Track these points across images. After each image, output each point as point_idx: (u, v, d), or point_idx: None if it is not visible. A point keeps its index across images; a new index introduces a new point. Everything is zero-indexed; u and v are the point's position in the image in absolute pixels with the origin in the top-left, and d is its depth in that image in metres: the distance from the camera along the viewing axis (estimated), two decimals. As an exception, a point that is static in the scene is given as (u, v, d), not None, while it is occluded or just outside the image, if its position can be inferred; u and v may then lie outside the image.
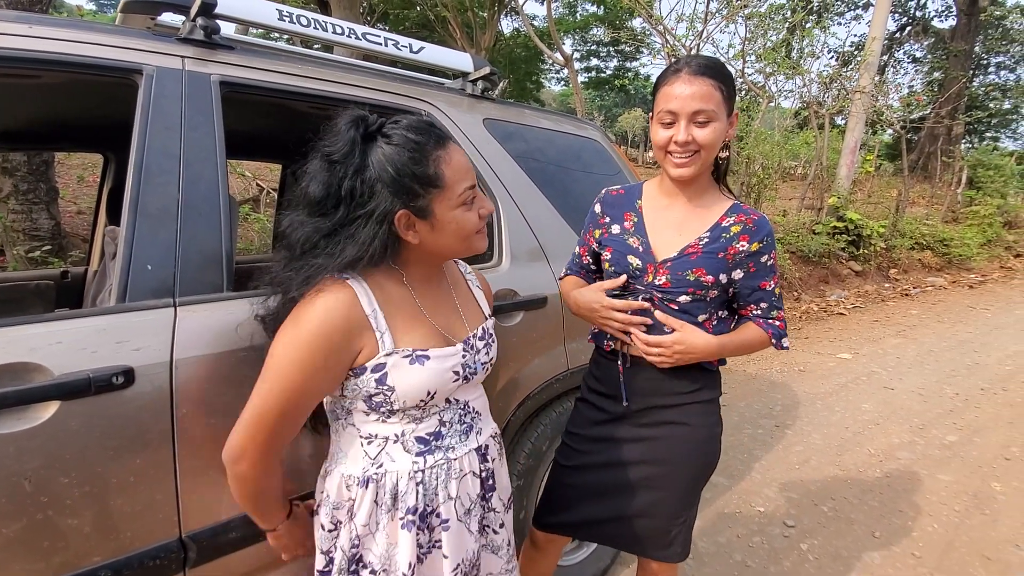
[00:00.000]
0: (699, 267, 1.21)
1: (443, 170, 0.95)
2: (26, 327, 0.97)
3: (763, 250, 1.24)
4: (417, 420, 1.00)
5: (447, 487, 1.01)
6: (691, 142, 1.16)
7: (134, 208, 1.10)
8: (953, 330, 5.98)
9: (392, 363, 0.94)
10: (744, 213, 1.25)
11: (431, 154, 0.94)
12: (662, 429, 1.32)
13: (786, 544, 2.36)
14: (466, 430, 1.06)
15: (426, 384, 0.96)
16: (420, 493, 0.98)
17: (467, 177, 0.98)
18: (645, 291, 1.27)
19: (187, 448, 1.07)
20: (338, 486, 1.00)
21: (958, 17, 16.97)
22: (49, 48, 1.10)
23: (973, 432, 3.48)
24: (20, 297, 2.23)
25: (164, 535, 1.07)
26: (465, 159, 0.99)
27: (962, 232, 10.59)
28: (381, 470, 0.97)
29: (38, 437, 0.93)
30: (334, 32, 1.61)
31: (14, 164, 3.89)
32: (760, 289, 1.27)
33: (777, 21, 8.08)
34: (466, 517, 1.03)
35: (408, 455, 0.99)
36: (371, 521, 0.97)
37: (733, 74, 1.20)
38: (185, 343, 1.08)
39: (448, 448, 1.02)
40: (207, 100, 1.25)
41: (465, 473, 1.03)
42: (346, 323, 0.92)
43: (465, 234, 0.99)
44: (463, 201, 0.97)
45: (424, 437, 1.00)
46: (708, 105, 1.14)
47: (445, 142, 0.97)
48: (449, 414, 1.03)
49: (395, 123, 0.96)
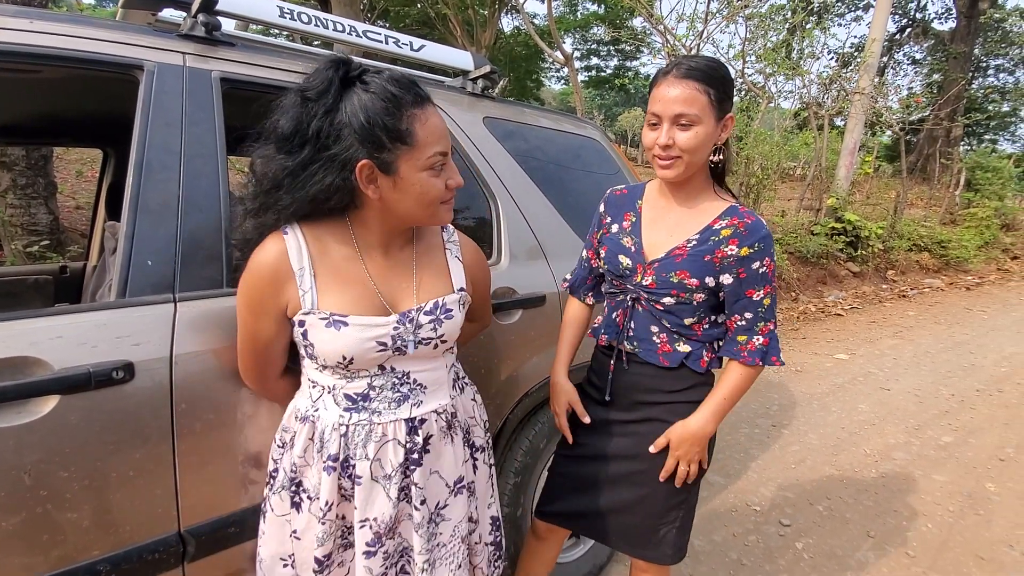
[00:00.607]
0: (683, 269, 1.21)
1: (415, 127, 0.93)
2: (26, 321, 0.97)
3: (755, 256, 1.19)
4: (347, 379, 1.03)
5: (366, 447, 1.02)
6: (671, 146, 1.15)
7: (135, 204, 1.10)
8: (950, 331, 6.00)
9: (310, 322, 0.98)
10: (738, 216, 1.22)
11: (406, 110, 0.93)
12: (650, 426, 1.32)
13: (781, 543, 2.37)
14: (399, 399, 1.05)
15: (341, 349, 0.97)
16: (342, 444, 1.02)
17: (439, 142, 0.96)
18: (634, 291, 1.28)
19: (186, 443, 1.07)
20: (290, 413, 1.09)
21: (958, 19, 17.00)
22: (50, 43, 1.10)
23: (968, 433, 3.50)
24: (19, 292, 2.23)
25: (163, 529, 1.07)
26: (442, 123, 0.98)
27: (960, 234, 10.61)
28: (316, 414, 1.04)
29: (38, 431, 0.94)
30: (335, 29, 1.61)
31: (12, 158, 3.88)
32: (746, 297, 1.22)
33: (777, 22, 8.08)
34: (385, 481, 1.04)
35: (337, 408, 1.03)
36: (306, 455, 1.05)
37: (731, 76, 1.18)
38: (185, 338, 1.08)
39: (374, 411, 1.03)
40: (208, 96, 1.25)
41: (388, 439, 1.04)
42: (272, 274, 0.98)
43: (428, 200, 0.98)
44: (431, 165, 0.96)
45: (351, 395, 1.03)
46: (690, 109, 1.12)
47: (424, 102, 0.95)
48: (380, 380, 1.03)
49: (377, 73, 0.95)
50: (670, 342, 1.27)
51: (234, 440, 1.16)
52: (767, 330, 1.24)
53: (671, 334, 1.27)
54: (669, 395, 1.29)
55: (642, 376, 1.31)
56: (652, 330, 1.28)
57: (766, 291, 1.22)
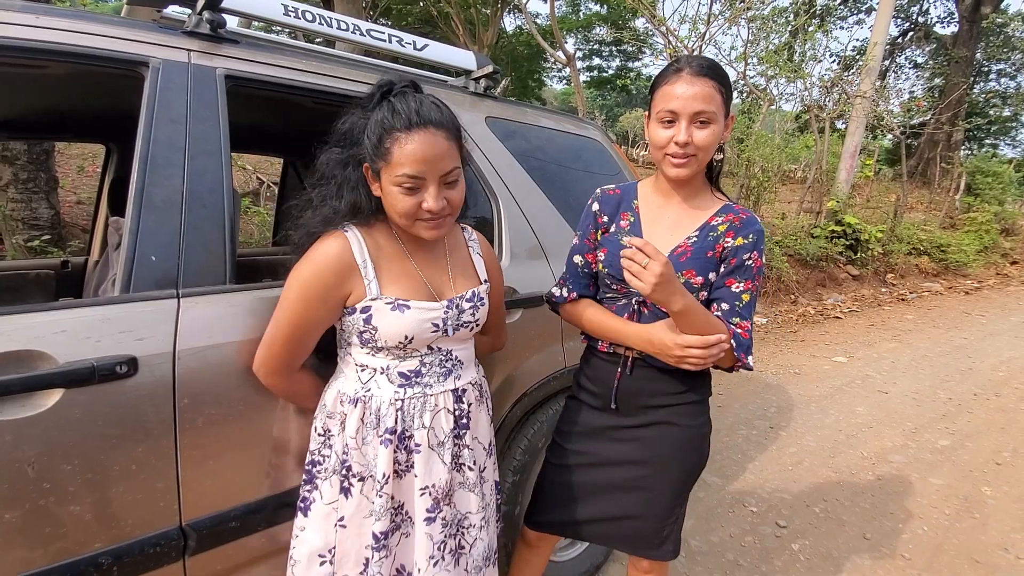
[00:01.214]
0: (689, 269, 1.21)
1: (392, 148, 1.03)
2: (31, 315, 0.98)
3: (747, 247, 1.20)
4: (400, 358, 1.13)
5: (422, 417, 1.13)
6: (690, 143, 1.15)
7: (139, 200, 1.11)
8: (948, 335, 6.01)
9: (376, 307, 1.08)
10: (733, 212, 1.24)
11: (392, 131, 1.03)
12: (653, 430, 1.32)
13: (778, 544, 2.38)
14: (445, 373, 1.17)
15: (404, 329, 1.08)
16: (399, 417, 1.11)
17: (412, 165, 1.02)
18: (638, 292, 1.27)
19: (188, 438, 1.08)
20: (334, 399, 1.14)
21: (960, 23, 16.98)
22: (56, 39, 1.11)
23: (965, 437, 3.51)
24: (20, 286, 2.24)
25: (164, 523, 1.08)
26: (422, 150, 1.02)
27: (959, 238, 10.63)
28: (369, 394, 1.12)
29: (42, 424, 0.95)
30: (339, 28, 1.62)
31: (14, 153, 3.88)
32: (725, 286, 1.20)
33: (779, 24, 8.09)
34: (439, 448, 1.15)
35: (392, 385, 1.12)
36: (358, 435, 1.11)
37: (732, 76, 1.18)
38: (188, 334, 1.09)
39: (426, 385, 1.15)
40: (212, 93, 1.26)
41: (439, 408, 1.16)
42: (338, 266, 1.07)
43: (397, 212, 1.07)
44: (398, 183, 1.04)
45: (405, 373, 1.13)
46: (710, 106, 1.14)
47: (414, 128, 1.03)
48: (430, 358, 1.15)
49: (403, 93, 1.08)
50: None
51: (236, 435, 1.16)
52: (745, 326, 1.19)
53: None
54: (674, 396, 1.29)
55: (649, 380, 1.30)
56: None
57: (747, 286, 1.20)
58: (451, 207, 1.09)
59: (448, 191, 1.08)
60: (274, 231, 3.14)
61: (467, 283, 1.22)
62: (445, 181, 1.07)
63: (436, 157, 1.04)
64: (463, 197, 1.13)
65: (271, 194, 6.12)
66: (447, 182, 1.07)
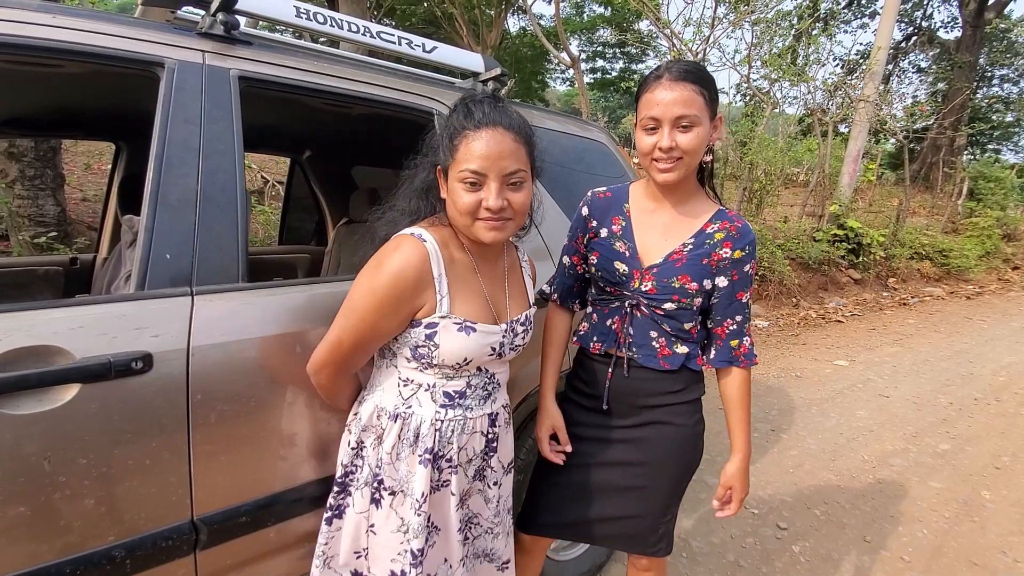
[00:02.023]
0: (684, 274, 1.22)
1: (460, 145, 1.06)
2: (49, 311, 1.00)
3: (746, 258, 1.25)
4: (449, 377, 1.13)
5: (459, 439, 1.14)
6: (675, 148, 1.16)
7: (154, 198, 1.13)
8: (949, 340, 6.02)
9: (443, 325, 1.07)
10: (728, 220, 1.26)
11: (461, 128, 1.06)
12: (647, 430, 1.33)
13: (778, 546, 2.39)
14: (485, 396, 1.18)
15: (465, 351, 1.09)
16: (436, 439, 1.12)
17: (475, 161, 1.03)
18: (631, 297, 1.28)
19: (201, 433, 1.10)
20: (371, 413, 1.15)
21: (964, 29, 16.98)
22: (73, 39, 1.12)
23: (965, 441, 3.52)
24: (28, 282, 2.26)
25: (176, 517, 1.10)
26: (489, 148, 1.04)
27: (961, 243, 10.64)
28: (410, 411, 1.12)
29: (58, 418, 0.96)
30: (350, 30, 1.64)
31: (21, 149, 3.90)
32: (738, 300, 1.27)
33: (784, 28, 8.11)
34: (467, 465, 1.18)
35: (434, 405, 1.13)
36: (394, 451, 1.12)
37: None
38: (201, 331, 1.11)
39: (467, 407, 1.15)
40: (226, 94, 1.27)
41: (476, 431, 1.17)
42: (417, 278, 1.05)
43: (458, 209, 1.07)
44: (462, 179, 1.05)
45: (451, 393, 1.13)
46: (690, 110, 1.14)
47: (482, 126, 1.05)
48: (476, 380, 1.16)
49: (481, 100, 1.09)
50: (668, 345, 1.29)
51: (248, 431, 1.18)
52: (749, 330, 1.30)
53: (669, 338, 1.28)
54: (668, 396, 1.31)
55: (643, 381, 1.31)
56: (651, 335, 1.29)
57: (750, 292, 1.28)
58: (512, 210, 1.07)
59: (511, 192, 1.07)
60: (280, 230, 3.15)
61: (521, 306, 1.23)
62: (508, 181, 1.06)
63: (499, 155, 1.04)
64: (528, 204, 1.11)
65: (275, 193, 6.14)
66: (510, 183, 1.06)
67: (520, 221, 1.13)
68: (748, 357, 1.30)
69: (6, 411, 0.92)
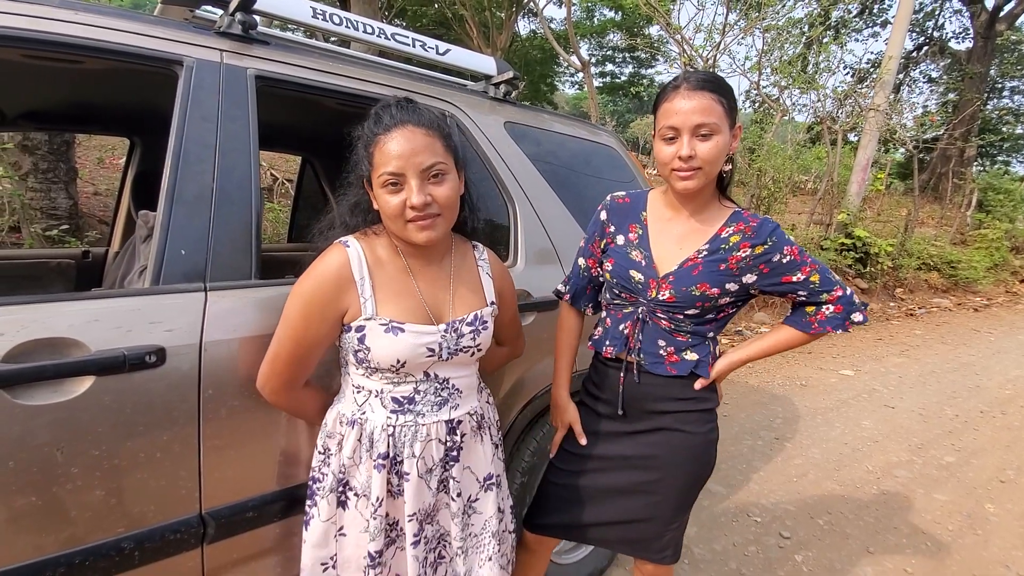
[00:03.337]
0: (703, 282, 1.22)
1: (373, 151, 1.07)
2: (66, 304, 1.01)
3: (771, 250, 1.22)
4: (394, 383, 1.12)
5: (413, 446, 1.13)
6: (694, 157, 1.16)
7: (171, 194, 1.14)
8: (956, 352, 5.99)
9: (370, 327, 1.07)
10: (743, 221, 1.25)
11: (373, 136, 1.07)
12: (659, 436, 1.33)
13: (781, 555, 2.38)
14: (440, 403, 1.16)
15: (395, 353, 1.07)
16: (391, 443, 1.12)
17: (392, 162, 1.04)
18: (647, 304, 1.28)
19: (211, 428, 1.11)
20: (334, 420, 1.16)
21: (975, 40, 16.91)
22: (94, 35, 1.14)
23: (971, 454, 3.50)
24: (42, 274, 2.28)
25: (185, 510, 1.11)
26: (401, 147, 1.04)
27: (970, 255, 10.57)
28: (364, 416, 1.13)
29: (72, 409, 0.97)
30: (364, 31, 1.65)
31: (35, 143, 3.94)
32: (784, 283, 1.24)
33: (794, 35, 8.10)
34: (427, 475, 1.15)
35: (384, 410, 1.13)
36: (355, 455, 1.13)
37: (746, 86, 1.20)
38: (214, 327, 1.12)
39: (418, 413, 1.14)
40: (243, 93, 1.29)
41: (431, 439, 1.15)
42: (336, 280, 1.07)
43: (387, 214, 1.08)
44: (383, 183, 1.06)
45: (398, 399, 1.13)
46: (710, 118, 1.14)
47: (391, 127, 1.05)
48: (424, 385, 1.14)
49: (389, 104, 1.10)
50: (677, 352, 1.29)
51: (257, 427, 1.19)
52: (835, 298, 1.26)
53: (680, 345, 1.28)
54: (679, 403, 1.31)
55: (653, 386, 1.31)
56: (659, 343, 1.29)
57: (805, 272, 1.24)
58: (438, 205, 1.07)
59: (433, 187, 1.06)
60: (290, 228, 3.17)
61: (469, 305, 1.19)
62: (428, 176, 1.05)
63: (412, 151, 1.04)
64: (453, 196, 1.10)
65: (284, 191, 6.17)
66: (431, 177, 1.06)
67: (451, 216, 1.12)
68: (824, 323, 1.27)
69: (22, 401, 0.93)
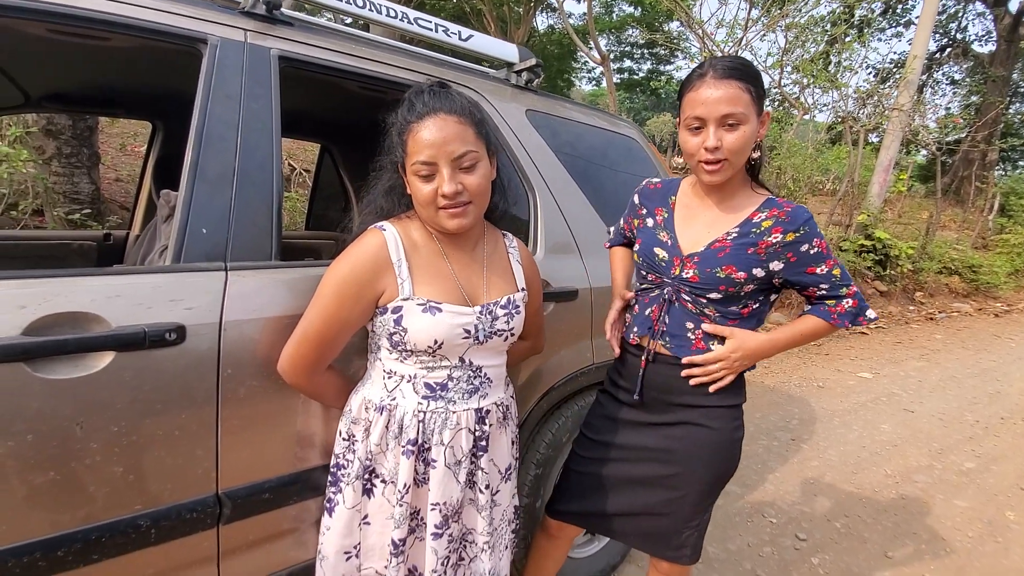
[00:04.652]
0: (728, 264, 1.19)
1: (406, 138, 1.07)
2: (87, 279, 1.00)
3: (802, 239, 1.19)
4: (429, 368, 1.12)
5: (442, 433, 1.12)
6: (720, 148, 1.13)
7: (193, 173, 1.14)
8: (977, 357, 5.87)
9: (407, 307, 1.07)
10: (778, 207, 1.21)
11: (406, 123, 1.07)
12: (683, 429, 1.31)
13: (797, 557, 2.35)
14: (471, 391, 1.15)
15: (433, 333, 1.07)
16: (420, 430, 1.11)
17: (424, 151, 1.04)
18: (672, 283, 1.26)
19: (230, 408, 1.10)
20: (360, 405, 1.15)
21: (998, 43, 16.52)
22: (120, 11, 1.14)
23: (991, 460, 3.43)
24: (64, 255, 2.30)
25: (201, 490, 1.10)
26: (433, 135, 1.04)
27: (991, 259, 10.36)
28: (394, 403, 1.12)
29: (93, 384, 0.97)
30: (388, 15, 1.63)
31: (59, 127, 3.98)
32: (808, 275, 1.22)
33: (817, 32, 7.96)
34: (456, 467, 1.14)
35: (416, 396, 1.12)
36: (382, 442, 1.13)
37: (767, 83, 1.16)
38: (234, 306, 1.11)
39: (450, 400, 1.13)
40: (266, 73, 1.28)
41: (461, 427, 1.14)
42: (374, 263, 1.07)
43: (419, 201, 1.09)
44: (416, 172, 1.06)
45: (431, 384, 1.12)
46: (736, 108, 1.11)
47: (424, 114, 1.05)
48: (458, 372, 1.14)
49: (422, 91, 1.10)
50: (704, 340, 1.26)
51: (275, 408, 1.18)
52: (852, 292, 1.24)
53: (707, 333, 1.26)
54: (704, 397, 1.28)
55: (676, 378, 1.29)
56: (687, 326, 1.26)
57: (828, 265, 1.22)
58: (469, 193, 1.07)
59: (464, 176, 1.06)
60: (307, 217, 3.17)
61: (503, 289, 1.20)
62: (460, 165, 1.05)
63: (444, 140, 1.03)
64: (485, 184, 1.10)
65: (301, 180, 6.20)
66: (462, 166, 1.06)
67: (482, 203, 1.12)
68: (843, 317, 1.24)
69: (43, 375, 0.92)
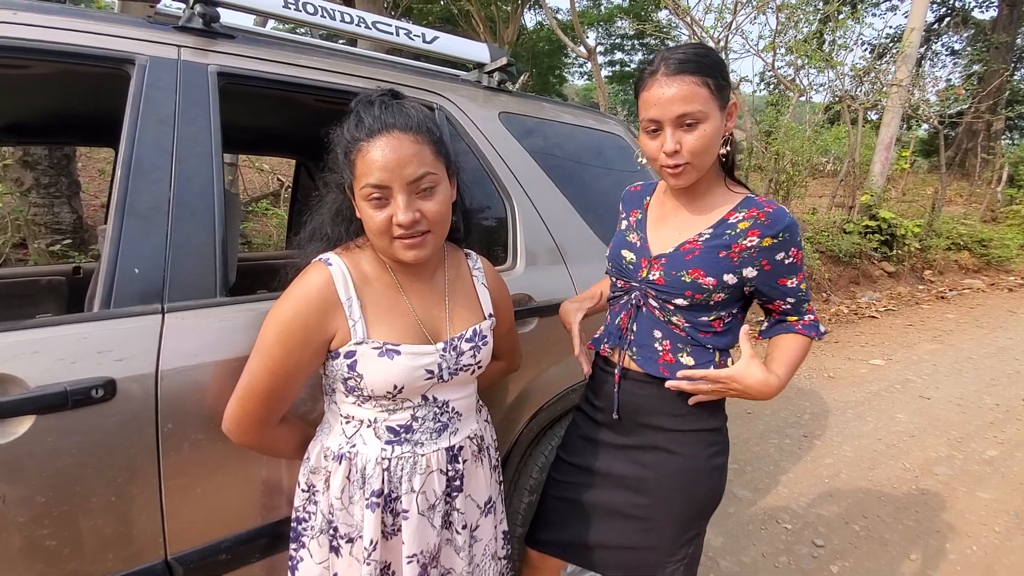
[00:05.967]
0: (696, 267, 1.08)
1: (355, 159, 0.94)
2: (3, 335, 0.91)
3: (779, 246, 1.07)
4: (390, 411, 1.01)
5: (411, 480, 1.01)
6: (680, 151, 1.03)
7: (121, 207, 1.04)
8: (992, 336, 5.71)
9: (361, 352, 0.96)
10: (757, 207, 1.10)
11: (354, 140, 0.94)
12: (651, 455, 1.20)
13: (815, 565, 2.23)
14: (440, 429, 1.05)
15: (393, 378, 0.96)
16: (385, 479, 1.00)
17: (376, 173, 0.91)
18: (639, 288, 1.16)
19: (173, 465, 1.00)
20: (318, 454, 1.04)
21: (1000, 7, 16.28)
22: (34, 36, 1.04)
23: (1015, 446, 3.29)
24: (34, 292, 2.21)
25: (148, 558, 1.01)
26: (386, 156, 0.91)
27: (1002, 232, 10.17)
28: (354, 450, 1.01)
29: (12, 453, 0.87)
30: (342, 21, 1.53)
31: (35, 157, 3.90)
32: (780, 286, 1.12)
33: (809, 12, 7.81)
34: (429, 512, 1.03)
35: (378, 441, 1.01)
36: (344, 495, 1.01)
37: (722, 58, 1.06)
38: (173, 353, 1.01)
39: (416, 443, 1.03)
40: (203, 92, 1.18)
41: (432, 470, 1.03)
42: (320, 304, 0.95)
43: (371, 230, 0.96)
44: (367, 196, 0.94)
45: (395, 427, 1.01)
46: (692, 106, 1.00)
47: (375, 132, 0.93)
48: (423, 411, 1.03)
49: (371, 102, 0.96)
50: (672, 351, 1.15)
51: (225, 461, 1.08)
52: (811, 308, 1.19)
53: (676, 341, 1.15)
54: (674, 420, 1.17)
55: (646, 397, 1.19)
56: (655, 335, 1.16)
57: (799, 278, 1.14)
58: (428, 221, 0.95)
59: (421, 201, 0.94)
60: (287, 233, 3.09)
61: (467, 320, 1.09)
62: (416, 189, 0.94)
63: (399, 162, 0.91)
64: (445, 211, 0.98)
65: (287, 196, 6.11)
66: (419, 190, 0.94)
67: (442, 231, 1.00)
68: (808, 328, 1.17)
69: (-49, 448, 0.83)
